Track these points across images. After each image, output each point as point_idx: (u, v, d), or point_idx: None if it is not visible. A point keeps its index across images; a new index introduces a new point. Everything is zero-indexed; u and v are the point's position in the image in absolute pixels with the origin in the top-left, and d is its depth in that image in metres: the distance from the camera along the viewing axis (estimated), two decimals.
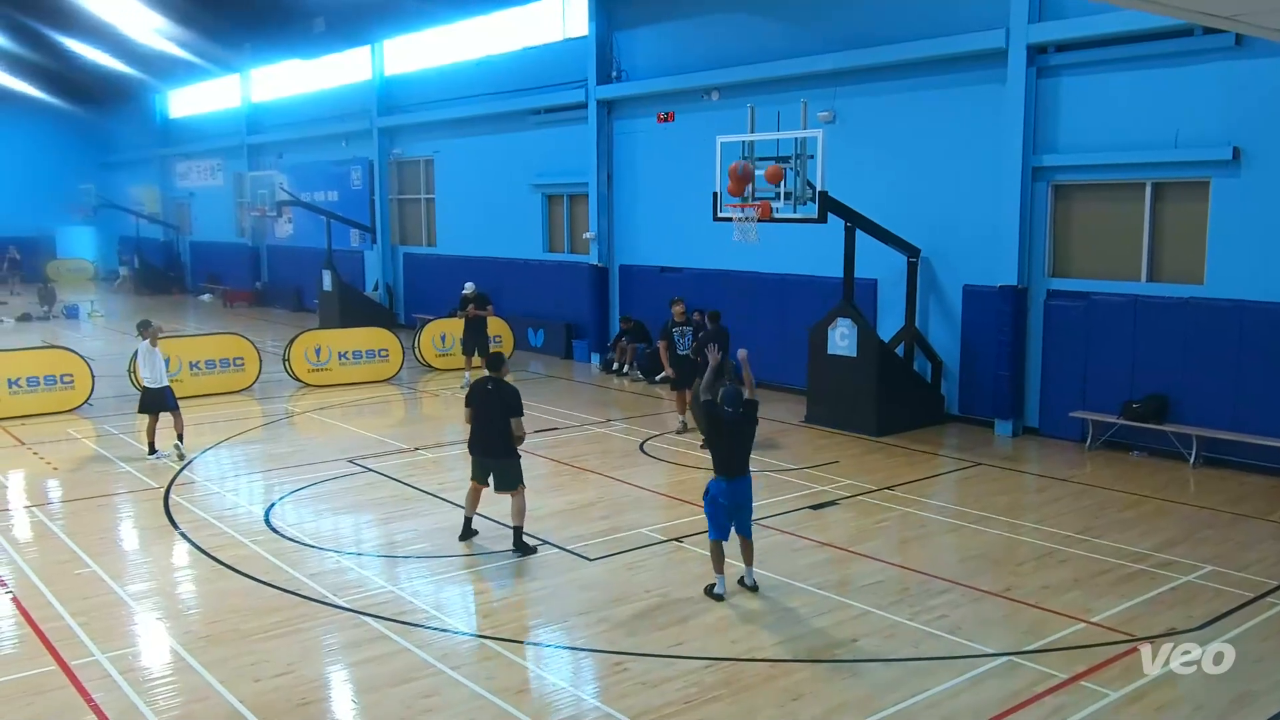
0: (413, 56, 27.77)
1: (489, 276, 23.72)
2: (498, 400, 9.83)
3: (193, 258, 42.07)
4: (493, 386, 9.92)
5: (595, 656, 7.78)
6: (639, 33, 20.88)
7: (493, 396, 9.87)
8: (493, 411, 9.83)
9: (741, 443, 8.83)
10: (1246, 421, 12.94)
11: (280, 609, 8.54)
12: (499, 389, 9.90)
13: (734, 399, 8.78)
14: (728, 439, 8.80)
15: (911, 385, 15.85)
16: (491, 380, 9.99)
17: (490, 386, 9.93)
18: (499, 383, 9.96)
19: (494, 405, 9.83)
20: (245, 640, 7.92)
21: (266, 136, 34.88)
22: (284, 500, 11.95)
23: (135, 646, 7.96)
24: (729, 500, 8.75)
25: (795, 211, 14.16)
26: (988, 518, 11.16)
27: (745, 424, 8.84)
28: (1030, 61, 14.53)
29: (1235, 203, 13.00)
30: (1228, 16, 6.32)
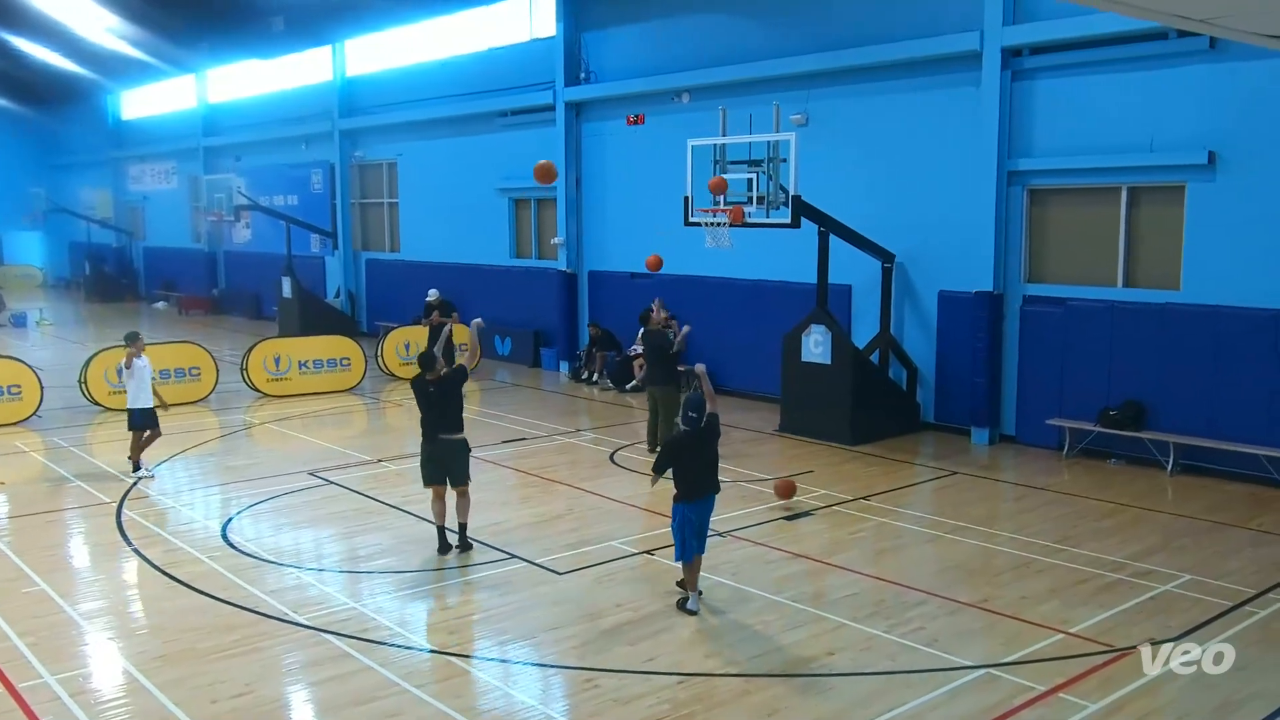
0: (375, 57, 27.67)
1: (454, 283, 23.65)
2: (444, 392, 10.09)
3: (146, 264, 41.66)
4: (435, 387, 10.12)
5: (565, 673, 7.75)
6: (608, 33, 20.92)
7: (438, 390, 10.11)
8: (444, 402, 10.07)
9: (705, 462, 8.82)
10: (1223, 428, 13.11)
11: (238, 627, 8.45)
12: (440, 383, 10.12)
13: (697, 405, 8.73)
14: (690, 458, 8.76)
15: (887, 393, 15.95)
16: (431, 382, 10.15)
17: (433, 388, 10.12)
18: (440, 380, 10.17)
19: (443, 397, 10.08)
20: (201, 660, 7.82)
21: (223, 139, 34.62)
22: (242, 514, 11.83)
23: (86, 668, 7.84)
24: (698, 515, 8.76)
25: (768, 216, 14.23)
26: (964, 527, 11.24)
27: (708, 439, 8.83)
28: (1005, 64, 14.69)
29: (1211, 207, 13.20)
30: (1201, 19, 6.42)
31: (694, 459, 8.78)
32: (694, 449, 8.79)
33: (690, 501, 8.73)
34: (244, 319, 33.01)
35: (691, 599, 8.80)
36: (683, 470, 8.76)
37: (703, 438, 8.81)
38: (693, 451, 8.79)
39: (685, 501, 8.73)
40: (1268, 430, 12.71)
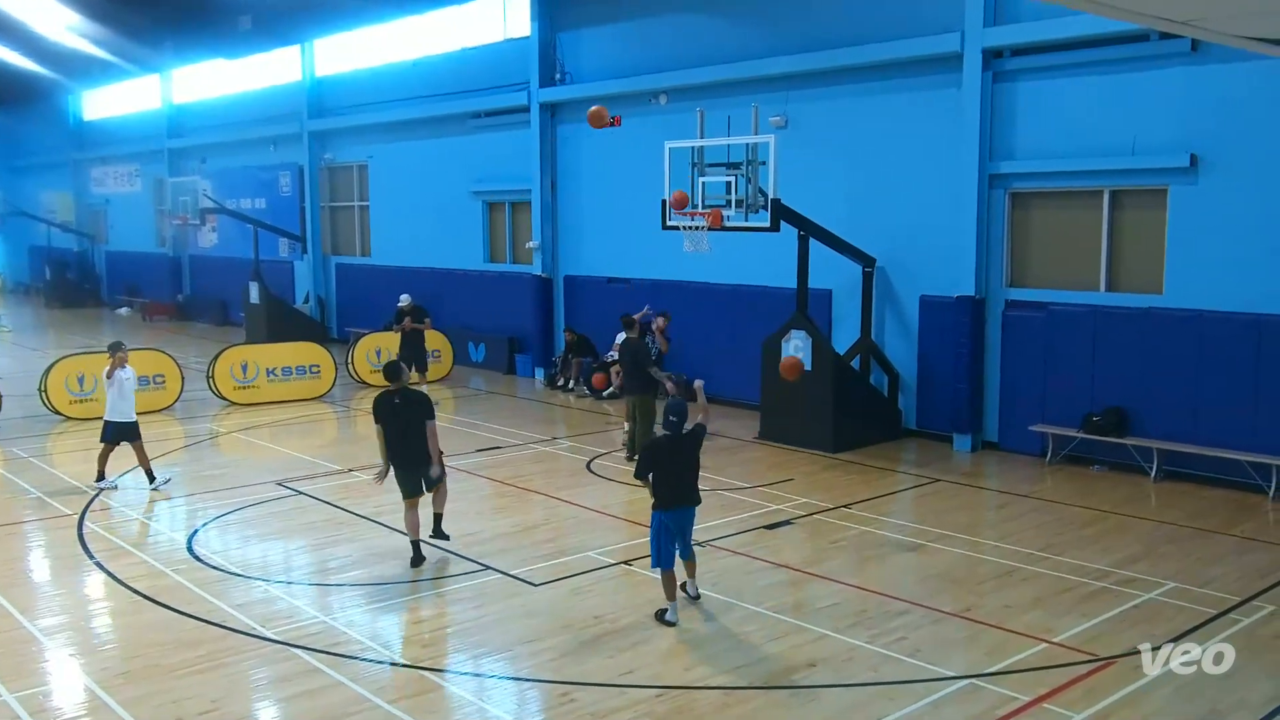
0: (345, 57, 27.58)
1: (427, 288, 23.58)
2: (411, 410, 10.02)
3: (109, 268, 41.33)
4: (400, 399, 10.07)
5: (541, 687, 7.74)
6: (584, 33, 20.94)
7: (403, 409, 10.04)
8: (410, 422, 9.99)
9: (683, 470, 8.89)
10: (1207, 434, 13.24)
11: (204, 642, 8.38)
12: (406, 398, 10.09)
13: (679, 410, 8.90)
14: (669, 464, 8.84)
15: (868, 399, 16.01)
16: (396, 393, 10.11)
17: (398, 400, 10.07)
18: (404, 392, 10.14)
19: (409, 416, 10.00)
20: (166, 676, 7.75)
21: (189, 140, 34.41)
22: (208, 526, 11.74)
23: (47, 685, 7.76)
24: (677, 524, 8.82)
25: (747, 220, 14.26)
26: (947, 536, 11.30)
27: (685, 448, 8.89)
28: (986, 66, 14.80)
29: (1193, 211, 13.34)
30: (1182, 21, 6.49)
31: (673, 465, 8.85)
32: (674, 455, 8.88)
33: (668, 509, 8.80)
34: (210, 325, 32.79)
35: (670, 609, 8.80)
36: (662, 476, 8.84)
37: (683, 444, 8.91)
38: (672, 457, 8.88)
39: (663, 509, 8.80)
40: (1250, 435, 12.85)
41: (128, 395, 13.05)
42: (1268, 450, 12.66)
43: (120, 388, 12.98)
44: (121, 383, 12.99)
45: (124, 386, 13.01)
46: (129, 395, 13.08)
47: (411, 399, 10.14)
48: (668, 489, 8.83)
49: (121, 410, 13.02)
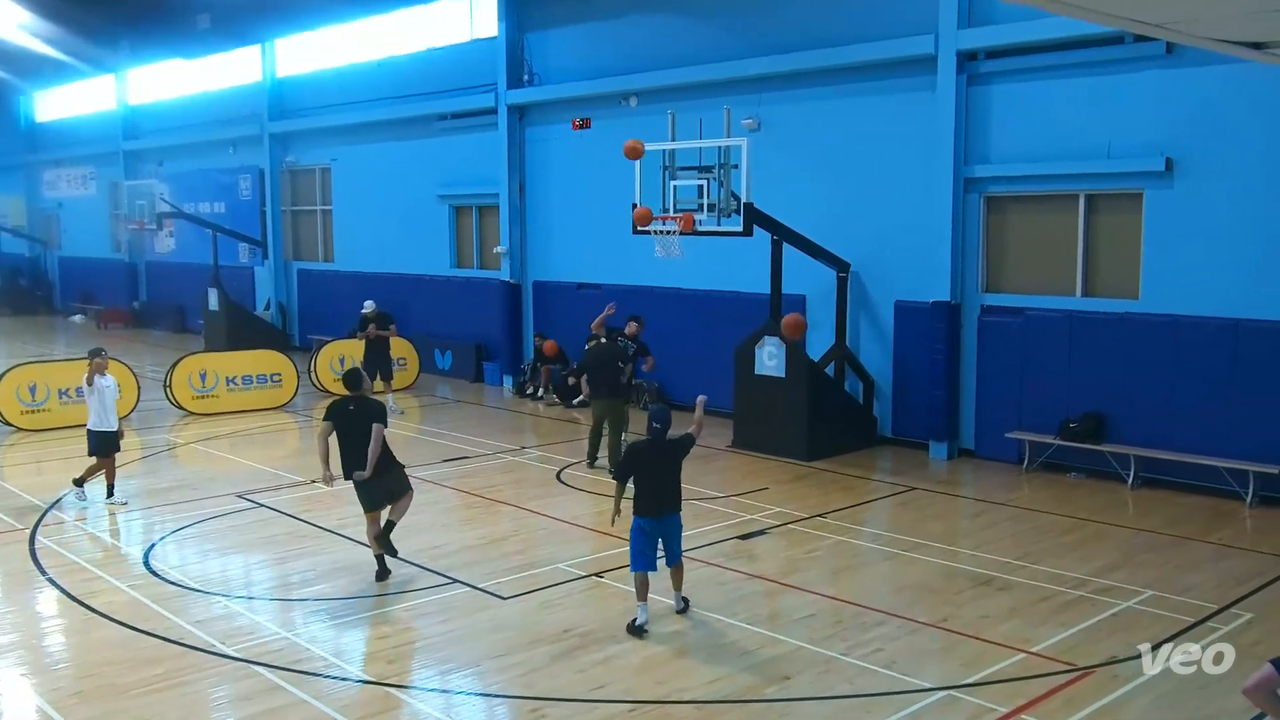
0: (307, 57, 27.45)
1: (392, 294, 23.47)
2: (362, 417, 9.94)
3: (62, 274, 40.89)
4: (355, 406, 10.02)
5: (511, 703, 7.71)
6: (552, 34, 20.95)
7: (358, 416, 9.97)
8: (362, 428, 9.92)
9: (664, 477, 8.96)
10: (1184, 440, 13.39)
11: (162, 660, 8.29)
12: (361, 405, 10.04)
13: (662, 416, 9.01)
14: (650, 470, 8.93)
15: (843, 407, 16.08)
16: (353, 399, 10.06)
17: (352, 406, 10.02)
18: (360, 399, 10.09)
19: (360, 423, 9.93)
20: (122, 696, 7.66)
21: (145, 142, 34.12)
22: (165, 540, 11.63)
23: None
24: (655, 530, 8.88)
25: (719, 224, 14.30)
26: (923, 545, 11.36)
27: (669, 455, 8.99)
28: (960, 68, 14.93)
29: (1168, 215, 13.50)
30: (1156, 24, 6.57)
31: (654, 471, 8.93)
32: (655, 460, 8.96)
33: (649, 517, 8.87)
34: (167, 333, 32.50)
35: (640, 609, 8.83)
36: (642, 481, 8.94)
37: (665, 450, 9.00)
38: (653, 463, 8.95)
39: (642, 516, 8.89)
40: (1227, 442, 13.00)
41: (109, 404, 12.74)
42: (1244, 456, 12.82)
43: (101, 396, 12.66)
44: (102, 391, 12.67)
45: (104, 395, 12.69)
46: (110, 404, 12.78)
47: (366, 406, 10.08)
48: (648, 495, 8.90)
49: (104, 420, 12.79)
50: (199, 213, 30.00)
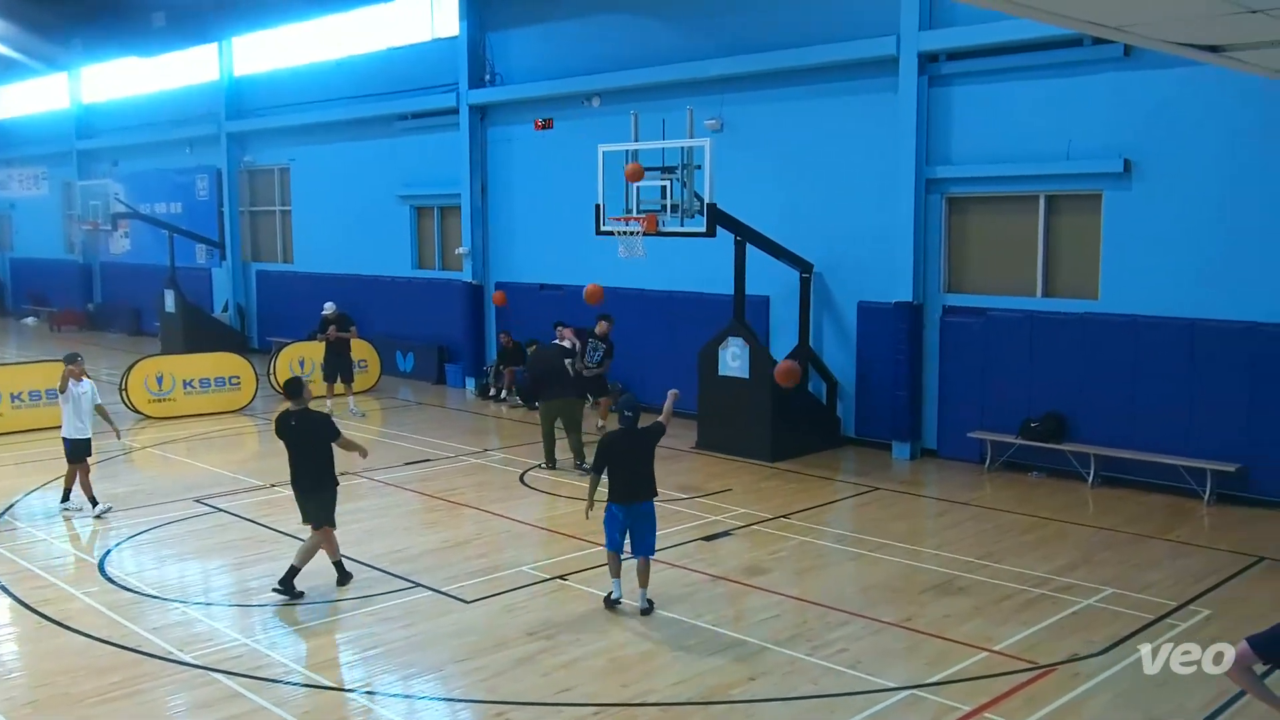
0: (265, 56, 27.21)
1: (353, 295, 23.29)
2: (305, 433, 9.81)
3: (13, 276, 40.24)
4: (297, 421, 9.85)
5: (474, 707, 7.68)
6: (514, 34, 20.89)
7: (299, 431, 9.84)
8: (303, 445, 9.81)
9: (637, 465, 9.34)
10: (1143, 439, 13.57)
11: (118, 668, 8.19)
12: (304, 420, 9.85)
13: (632, 405, 9.65)
14: (623, 458, 9.32)
15: (806, 408, 16.15)
16: (295, 414, 9.89)
17: (294, 422, 9.85)
18: (303, 414, 9.89)
19: (300, 437, 9.82)
20: (78, 705, 7.56)
21: (99, 142, 33.68)
22: (121, 546, 11.48)
23: None
24: (628, 516, 9.30)
25: (682, 225, 14.33)
26: (887, 545, 11.43)
27: (640, 443, 9.41)
28: (922, 70, 15.05)
29: (1127, 216, 13.68)
30: (1115, 27, 6.66)
31: (627, 459, 9.33)
32: (627, 450, 9.37)
33: (621, 503, 9.29)
34: (123, 335, 32.08)
35: (614, 586, 9.38)
36: (616, 470, 9.31)
37: (637, 439, 9.44)
38: (626, 452, 9.36)
39: (616, 502, 9.33)
40: (1185, 440, 13.19)
41: (84, 411, 12.50)
42: (1202, 455, 13.01)
43: (76, 403, 12.42)
44: (77, 398, 12.43)
45: (80, 402, 12.45)
46: (85, 411, 12.52)
47: (309, 421, 9.88)
48: (621, 483, 9.29)
49: (78, 427, 12.47)
50: (155, 213, 29.67)
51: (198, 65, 29.04)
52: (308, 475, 9.87)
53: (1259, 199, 12.66)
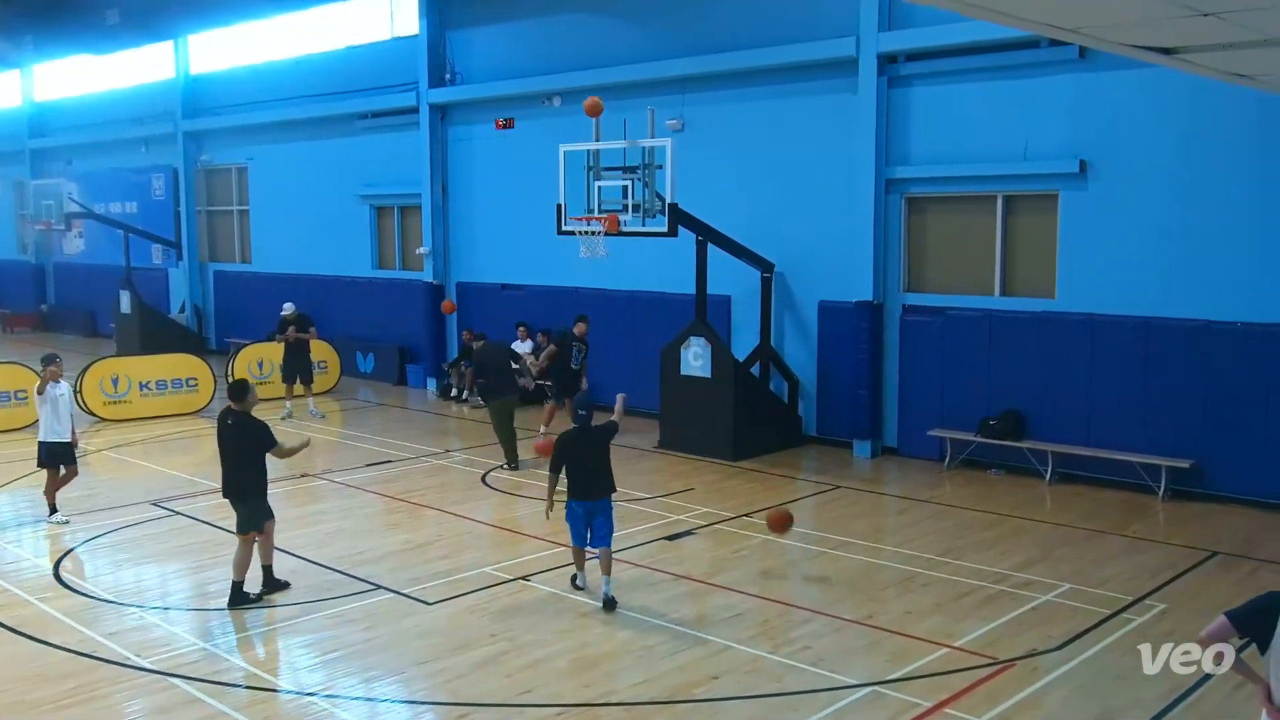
0: (222, 54, 26.93)
1: (312, 296, 23.11)
2: (237, 436, 9.60)
3: None
4: (233, 421, 9.64)
5: (437, 709, 7.65)
6: (474, 33, 20.82)
7: (232, 432, 9.63)
8: (233, 448, 9.62)
9: (595, 462, 9.62)
10: (1099, 436, 13.75)
11: (73, 674, 8.08)
12: (240, 424, 9.62)
13: (586, 404, 10.01)
14: (579, 457, 9.60)
15: (769, 407, 16.22)
16: (232, 414, 9.68)
17: (230, 421, 9.65)
18: (241, 417, 9.65)
19: (233, 441, 9.62)
20: (32, 712, 7.45)
21: (53, 140, 33.19)
22: (76, 550, 11.33)
23: None
24: (586, 511, 9.57)
25: (644, 225, 14.34)
26: (848, 542, 11.50)
27: (596, 441, 9.71)
28: (881, 71, 15.15)
29: (1083, 216, 13.86)
30: (1071, 29, 6.74)
31: (583, 458, 9.60)
32: (585, 447, 9.63)
33: (581, 500, 9.55)
34: (77, 337, 31.62)
35: (579, 576, 9.88)
36: (574, 467, 9.60)
37: (593, 437, 9.72)
38: (582, 450, 9.62)
39: (576, 499, 9.58)
40: (1140, 437, 13.39)
41: (63, 414, 12.19)
42: (1157, 451, 13.20)
43: (54, 405, 12.13)
44: (55, 400, 12.13)
45: (58, 404, 12.15)
46: (64, 414, 12.22)
47: (244, 425, 9.59)
48: (580, 480, 9.55)
49: (55, 430, 12.16)
50: (110, 213, 29.29)
51: (153, 63, 28.69)
52: (235, 481, 9.65)
53: (1212, 199, 12.87)
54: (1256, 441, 12.65)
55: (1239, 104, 12.17)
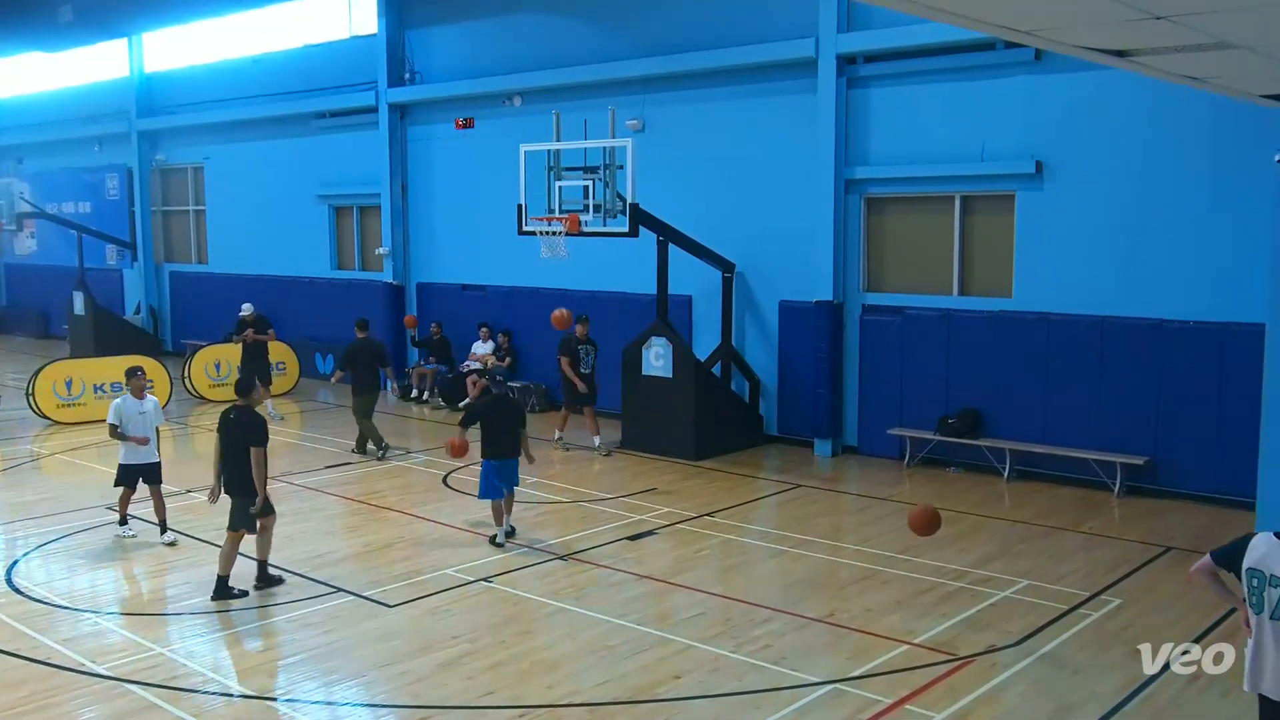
0: (178, 52, 26.59)
1: (271, 297, 22.88)
2: (239, 433, 9.73)
3: None
4: (236, 416, 9.82)
5: (399, 713, 7.60)
6: (434, 32, 20.71)
7: (233, 428, 9.80)
8: (235, 444, 9.74)
9: (510, 429, 11.22)
10: (1055, 433, 13.91)
11: (26, 681, 7.96)
12: (241, 420, 9.78)
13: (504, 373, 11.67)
14: (495, 423, 11.16)
15: (730, 406, 16.26)
16: (236, 410, 9.83)
17: (234, 416, 9.82)
18: (245, 412, 9.82)
19: (235, 438, 9.74)
20: None
21: (4, 139, 32.50)
22: (30, 556, 11.14)
23: None
24: (500, 471, 11.17)
25: (605, 225, 14.33)
26: (809, 541, 11.56)
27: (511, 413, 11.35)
28: (840, 71, 15.24)
29: (1039, 216, 14.02)
30: (1026, 31, 6.80)
31: (498, 424, 11.19)
32: (500, 414, 11.24)
33: (494, 460, 11.14)
34: (29, 338, 31.11)
35: (499, 533, 11.18)
36: (489, 432, 11.16)
37: (506, 406, 11.39)
38: (497, 417, 11.21)
39: (489, 459, 11.17)
40: (1096, 435, 13.56)
41: (150, 430, 11.36)
42: (1112, 448, 13.38)
43: (142, 422, 11.26)
44: (141, 417, 11.24)
45: (146, 421, 11.30)
46: (151, 431, 11.37)
47: (243, 420, 9.74)
48: (494, 444, 11.13)
49: (141, 451, 11.31)
50: (63, 213, 28.85)
51: (107, 61, 28.27)
52: (237, 477, 9.74)
53: (1166, 199, 13.05)
54: (1208, 438, 12.85)
55: (1192, 106, 12.35)
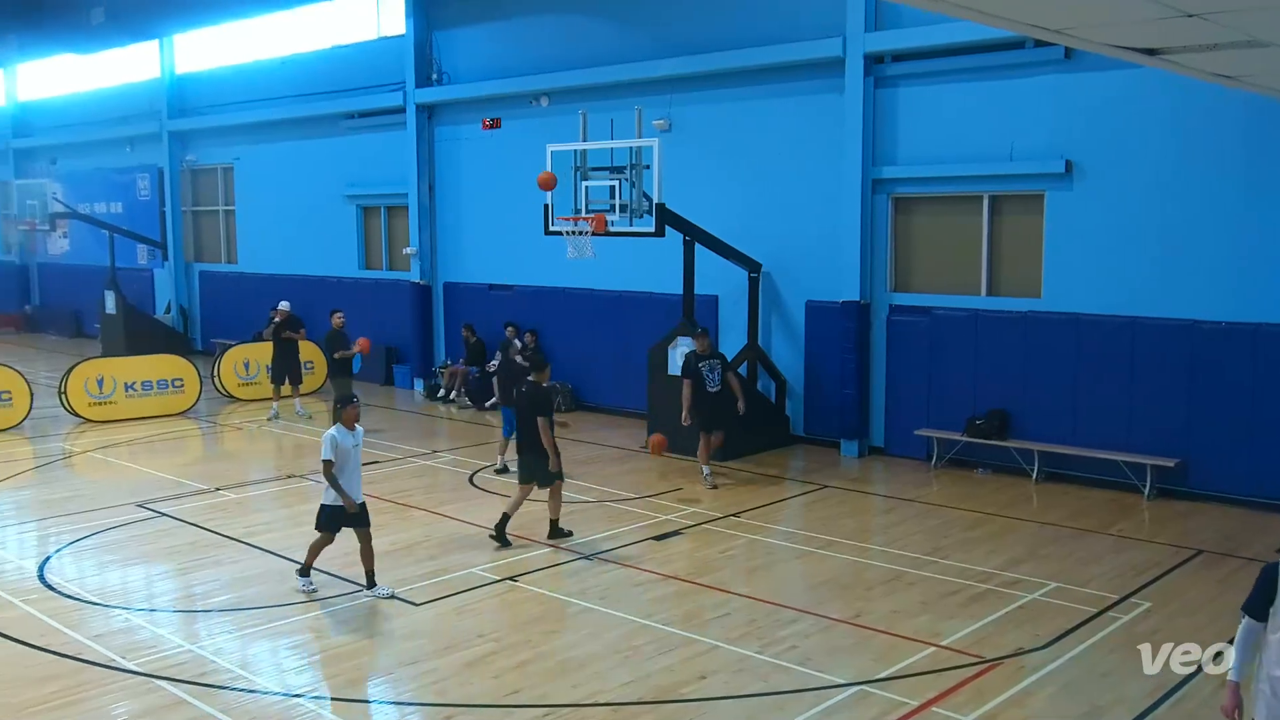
0: (208, 53, 26.83)
1: (299, 296, 22.97)
2: (528, 401, 11.10)
3: None
4: (527, 389, 11.27)
5: (424, 711, 7.63)
6: (461, 33, 20.78)
7: (524, 398, 11.22)
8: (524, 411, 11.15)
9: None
10: (1085, 435, 13.79)
11: (59, 676, 8.03)
12: (531, 392, 11.21)
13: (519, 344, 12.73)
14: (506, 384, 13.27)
15: (756, 406, 16.19)
16: (528, 383, 11.35)
17: (525, 389, 11.31)
18: (533, 386, 11.25)
19: (524, 406, 11.14)
20: (17, 715, 7.41)
21: (37, 140, 33.03)
22: (61, 552, 11.26)
23: None
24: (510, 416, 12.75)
25: (631, 225, 14.34)
26: (835, 542, 11.52)
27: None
28: (868, 71, 15.17)
29: (1068, 215, 13.90)
30: (1056, 29, 6.76)
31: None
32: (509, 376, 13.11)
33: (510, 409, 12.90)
34: (62, 338, 31.48)
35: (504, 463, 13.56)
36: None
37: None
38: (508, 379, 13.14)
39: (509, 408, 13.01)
40: (1126, 436, 13.43)
41: (354, 468, 9.72)
42: (1142, 450, 13.25)
43: (349, 458, 9.65)
44: (350, 451, 9.64)
45: (357, 456, 9.75)
46: (355, 467, 9.73)
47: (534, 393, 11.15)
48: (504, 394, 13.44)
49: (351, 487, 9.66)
50: (95, 213, 29.14)
51: (138, 62, 28.56)
52: (527, 438, 11.12)
53: (1197, 199, 12.92)
54: (1240, 440, 12.71)
55: (1224, 104, 12.22)
